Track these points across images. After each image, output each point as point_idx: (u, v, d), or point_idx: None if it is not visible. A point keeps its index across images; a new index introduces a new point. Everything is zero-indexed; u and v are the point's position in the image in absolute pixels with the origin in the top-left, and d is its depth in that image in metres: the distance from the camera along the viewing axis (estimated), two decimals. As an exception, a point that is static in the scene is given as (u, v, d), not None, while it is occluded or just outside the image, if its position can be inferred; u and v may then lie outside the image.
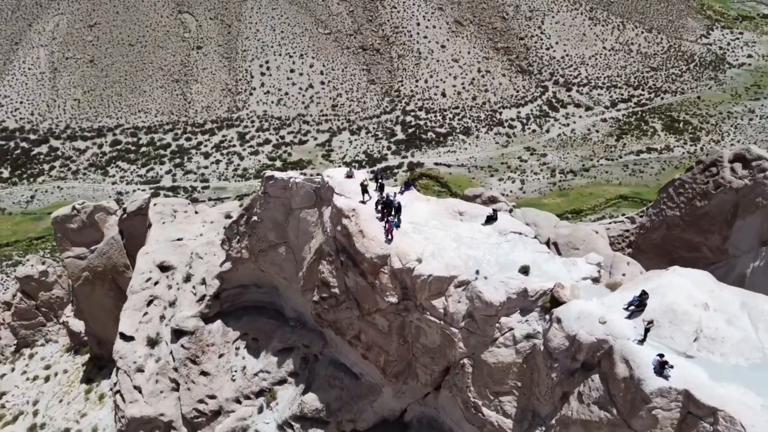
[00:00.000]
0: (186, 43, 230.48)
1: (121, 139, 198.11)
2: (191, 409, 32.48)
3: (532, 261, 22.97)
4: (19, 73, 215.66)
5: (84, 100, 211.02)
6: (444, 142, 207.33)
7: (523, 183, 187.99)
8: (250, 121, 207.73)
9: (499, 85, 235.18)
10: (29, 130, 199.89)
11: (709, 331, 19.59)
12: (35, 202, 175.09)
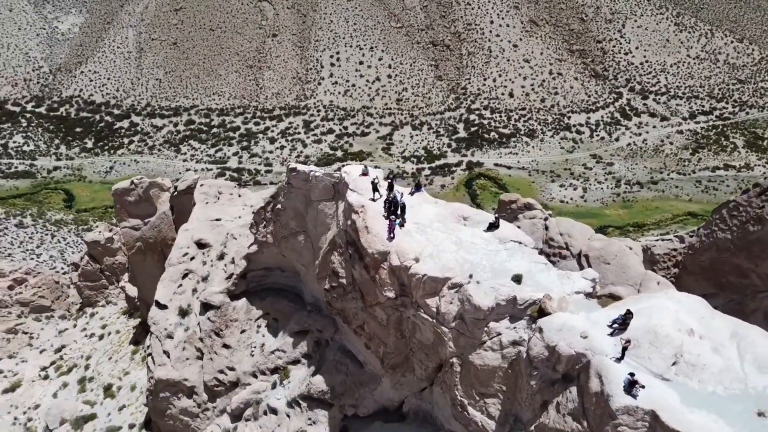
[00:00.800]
0: (262, 30, 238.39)
1: (194, 119, 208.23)
2: (212, 378, 35.11)
3: (527, 270, 23.47)
4: (109, 51, 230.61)
5: (165, 80, 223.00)
6: (506, 143, 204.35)
7: (585, 191, 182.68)
8: (316, 110, 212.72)
9: (570, 88, 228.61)
10: (113, 105, 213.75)
11: (690, 357, 19.55)
12: (113, 172, 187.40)
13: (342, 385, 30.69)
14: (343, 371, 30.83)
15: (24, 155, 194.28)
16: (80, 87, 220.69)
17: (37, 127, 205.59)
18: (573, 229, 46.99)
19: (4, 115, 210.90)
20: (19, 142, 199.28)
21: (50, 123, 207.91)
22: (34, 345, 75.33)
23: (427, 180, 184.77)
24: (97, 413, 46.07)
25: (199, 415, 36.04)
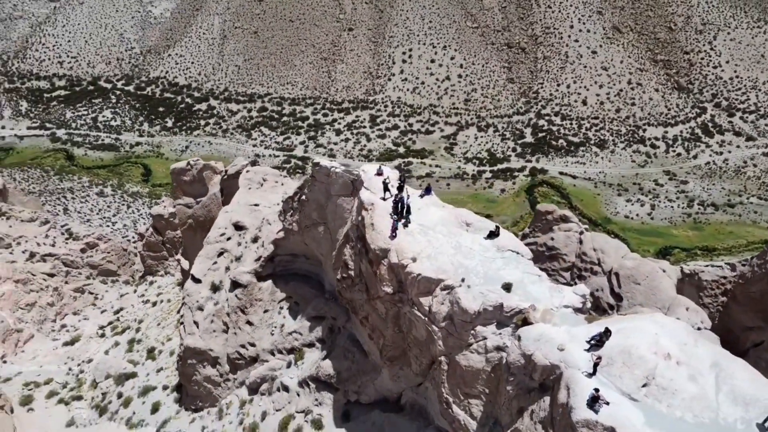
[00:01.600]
0: (339, 24, 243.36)
1: (267, 106, 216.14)
2: (234, 351, 37.77)
3: (520, 280, 24.06)
4: (195, 36, 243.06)
5: (243, 67, 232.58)
6: (574, 151, 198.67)
7: (653, 208, 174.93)
8: (383, 105, 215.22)
9: (649, 100, 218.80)
10: (194, 88, 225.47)
11: (663, 381, 19.66)
12: (188, 151, 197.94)
13: (348, 372, 32.37)
14: (349, 359, 32.48)
15: (111, 129, 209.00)
16: (166, 69, 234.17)
17: (125, 104, 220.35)
18: (607, 246, 46.40)
19: (96, 90, 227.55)
20: (107, 116, 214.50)
21: (137, 101, 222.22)
22: (97, 305, 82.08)
23: (487, 183, 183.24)
24: (137, 372, 50.30)
25: (221, 384, 38.88)
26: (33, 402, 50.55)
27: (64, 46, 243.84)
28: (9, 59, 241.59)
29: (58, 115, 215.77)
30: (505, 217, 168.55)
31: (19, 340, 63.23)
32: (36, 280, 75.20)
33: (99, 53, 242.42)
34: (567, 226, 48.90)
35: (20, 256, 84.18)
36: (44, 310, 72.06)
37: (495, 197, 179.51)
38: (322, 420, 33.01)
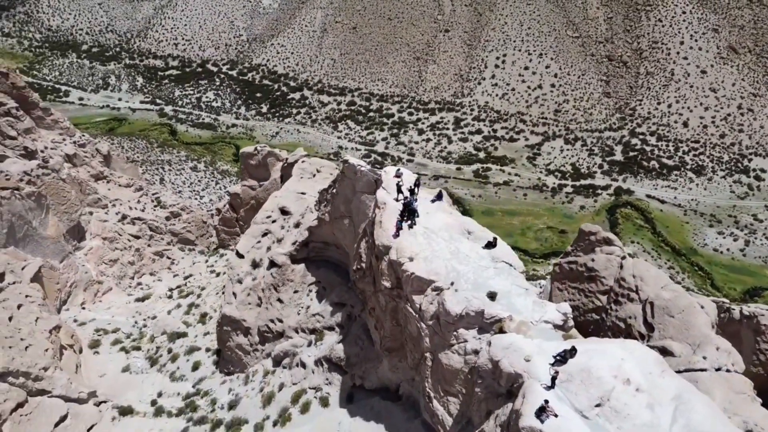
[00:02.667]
0: (436, 24, 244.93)
1: (356, 101, 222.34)
2: (264, 324, 41.12)
3: (507, 291, 25.01)
4: (298, 28, 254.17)
5: (338, 61, 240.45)
6: (667, 175, 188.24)
7: (747, 244, 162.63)
8: (469, 108, 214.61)
9: (760, 128, 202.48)
10: (291, 78, 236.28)
11: (617, 404, 20.15)
12: (278, 137, 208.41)
13: (356, 357, 34.60)
14: (359, 345, 34.66)
15: (211, 110, 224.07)
16: (268, 57, 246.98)
17: (227, 87, 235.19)
18: (647, 274, 45.25)
19: (204, 72, 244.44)
20: (210, 98, 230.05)
21: (238, 85, 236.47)
22: (172, 269, 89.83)
23: (566, 198, 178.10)
24: (188, 333, 55.45)
25: (250, 352, 42.46)
26: (99, 346, 57.11)
27: (180, 29, 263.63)
28: (132, 38, 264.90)
29: (168, 92, 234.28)
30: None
31: (99, 291, 71.17)
32: (122, 240, 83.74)
33: (210, 38, 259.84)
34: (609, 249, 48.00)
35: (113, 216, 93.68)
36: (125, 267, 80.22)
37: (573, 213, 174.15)
38: (329, 398, 35.52)
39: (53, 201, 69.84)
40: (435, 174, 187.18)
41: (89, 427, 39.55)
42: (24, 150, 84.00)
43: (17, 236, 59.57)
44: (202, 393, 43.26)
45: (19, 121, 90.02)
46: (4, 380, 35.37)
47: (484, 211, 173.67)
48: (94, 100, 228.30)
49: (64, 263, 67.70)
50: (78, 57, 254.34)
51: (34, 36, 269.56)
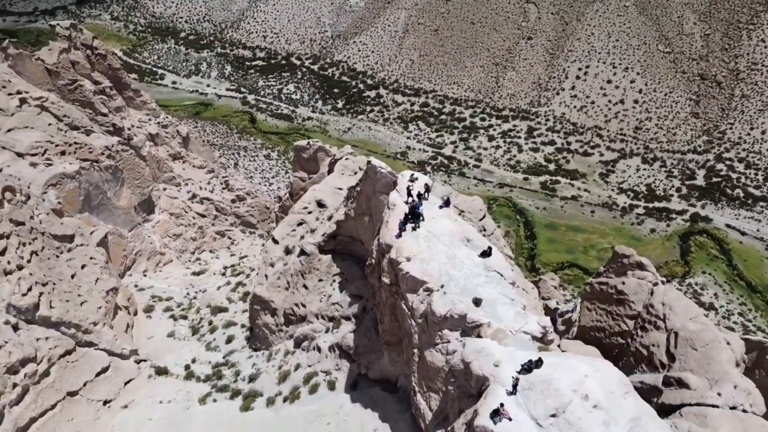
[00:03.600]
0: (519, 31, 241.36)
1: (429, 102, 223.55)
2: (289, 307, 43.88)
3: (493, 299, 25.97)
4: (381, 27, 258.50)
5: (417, 62, 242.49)
6: (752, 205, 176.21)
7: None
8: (545, 118, 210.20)
9: None
10: (368, 76, 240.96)
11: (571, 417, 20.83)
12: (350, 133, 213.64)
13: (363, 348, 36.53)
14: (367, 337, 36.54)
15: (290, 102, 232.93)
16: (349, 54, 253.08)
17: (307, 81, 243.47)
18: (677, 303, 44.19)
19: (287, 65, 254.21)
20: (290, 90, 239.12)
21: (317, 80, 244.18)
22: (231, 249, 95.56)
23: (637, 219, 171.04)
24: (229, 309, 59.55)
25: (275, 332, 45.43)
26: (153, 311, 62.46)
27: (270, 22, 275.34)
28: (225, 28, 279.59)
29: (252, 82, 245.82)
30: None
31: (161, 261, 77.34)
32: (187, 217, 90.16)
33: (297, 32, 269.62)
34: (642, 273, 47.09)
35: (184, 195, 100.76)
36: (187, 242, 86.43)
37: (642, 236, 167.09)
38: (336, 383, 37.72)
39: (128, 175, 76.62)
40: (500, 182, 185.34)
41: (127, 381, 43.99)
42: (112, 126, 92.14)
43: (92, 204, 66.15)
44: (230, 364, 46.76)
45: (111, 99, 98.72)
46: (57, 329, 40.26)
47: (548, 225, 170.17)
48: (186, 84, 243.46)
49: (132, 233, 74.23)
50: (175, 43, 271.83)
51: (139, 21, 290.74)
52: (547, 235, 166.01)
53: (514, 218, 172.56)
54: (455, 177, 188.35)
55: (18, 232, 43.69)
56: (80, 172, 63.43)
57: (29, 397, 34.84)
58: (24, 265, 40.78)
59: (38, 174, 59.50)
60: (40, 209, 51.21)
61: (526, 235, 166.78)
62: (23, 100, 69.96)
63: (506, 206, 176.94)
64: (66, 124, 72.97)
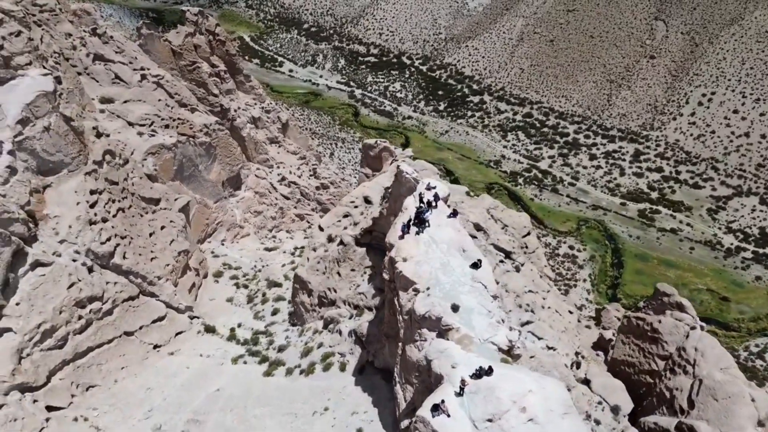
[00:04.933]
0: (642, 49, 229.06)
1: (533, 113, 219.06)
2: (323, 290, 47.46)
3: (470, 308, 27.41)
4: (495, 33, 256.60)
5: (527, 72, 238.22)
6: None
7: None
8: (655, 143, 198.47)
9: None
10: (475, 81, 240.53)
11: (506, 424, 22.13)
12: (446, 135, 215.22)
13: (373, 337, 39.21)
14: (377, 328, 39.18)
15: (394, 99, 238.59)
16: (458, 58, 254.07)
17: (414, 81, 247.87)
18: (710, 351, 42.60)
19: (398, 64, 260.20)
20: (396, 88, 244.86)
21: (424, 80, 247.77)
22: (306, 233, 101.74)
23: (742, 264, 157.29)
24: (283, 285, 64.59)
25: (310, 311, 49.34)
26: (221, 277, 69.26)
27: (388, 20, 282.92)
28: (346, 23, 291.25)
29: (362, 77, 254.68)
30: (746, 308, 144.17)
31: (239, 233, 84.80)
32: (271, 197, 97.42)
33: (412, 32, 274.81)
34: (680, 315, 45.48)
35: (274, 177, 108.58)
36: (266, 220, 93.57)
37: (744, 282, 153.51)
38: (347, 366, 40.78)
39: (221, 153, 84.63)
40: (595, 204, 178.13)
41: (178, 332, 50.06)
42: (220, 107, 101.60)
43: (184, 174, 74.27)
44: (268, 333, 51.46)
45: (224, 82, 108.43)
46: (126, 276, 46.93)
47: (638, 255, 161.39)
48: (301, 73, 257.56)
49: (217, 204, 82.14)
50: (298, 33, 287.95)
51: (269, 10, 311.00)
52: (635, 266, 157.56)
53: (603, 243, 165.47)
54: (547, 192, 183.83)
55: (110, 190, 51.12)
56: (177, 145, 71.57)
57: (91, 330, 41.42)
58: (108, 219, 47.89)
59: (142, 142, 68.07)
60: (135, 173, 59.02)
61: (612, 262, 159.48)
62: (144, 76, 79.44)
63: (596, 229, 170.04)
64: (176, 101, 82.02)
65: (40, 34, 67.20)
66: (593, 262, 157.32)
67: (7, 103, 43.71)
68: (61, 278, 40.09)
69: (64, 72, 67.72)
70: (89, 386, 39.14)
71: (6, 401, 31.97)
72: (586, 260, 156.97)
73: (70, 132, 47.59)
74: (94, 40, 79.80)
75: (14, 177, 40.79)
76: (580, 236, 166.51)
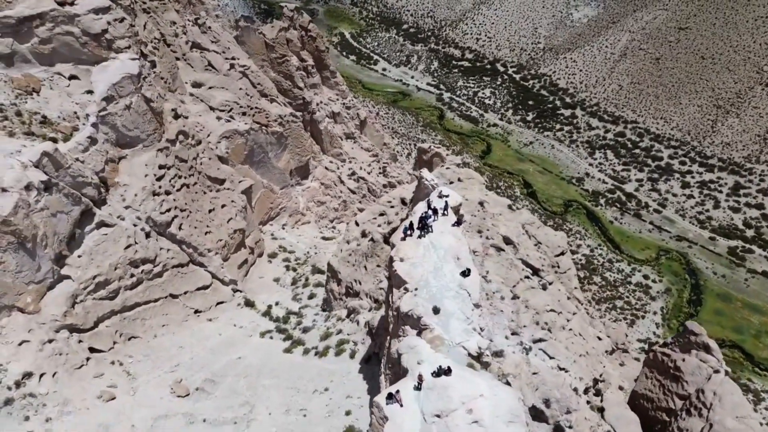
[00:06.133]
0: (758, 75, 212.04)
1: (626, 133, 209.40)
2: (350, 281, 50.08)
3: (451, 312, 28.71)
4: (597, 47, 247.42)
5: (625, 89, 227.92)
6: None
7: None
8: (759, 177, 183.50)
9: None
10: (569, 94, 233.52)
11: (451, 423, 23.24)
12: (530, 147, 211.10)
13: (380, 330, 41.44)
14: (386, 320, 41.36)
15: (482, 105, 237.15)
16: (554, 69, 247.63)
17: (504, 88, 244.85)
18: (728, 398, 41.00)
19: (491, 70, 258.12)
20: (485, 94, 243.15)
21: (515, 89, 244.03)
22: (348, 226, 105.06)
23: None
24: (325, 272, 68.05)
25: (337, 299, 52.31)
26: (275, 258, 74.19)
27: (487, 26, 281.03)
28: (444, 26, 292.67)
29: (452, 80, 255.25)
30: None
31: (300, 220, 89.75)
32: (336, 190, 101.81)
33: (509, 40, 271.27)
34: (705, 356, 43.60)
35: (344, 170, 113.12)
36: (329, 211, 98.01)
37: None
38: (356, 354, 43.31)
39: (292, 143, 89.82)
40: (680, 235, 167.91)
41: (220, 302, 54.95)
42: (302, 100, 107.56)
43: (254, 159, 79.95)
44: (299, 315, 55.13)
45: (310, 76, 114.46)
46: (179, 245, 52.27)
47: (721, 294, 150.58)
48: (393, 73, 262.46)
49: (282, 190, 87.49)
50: (396, 33, 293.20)
51: (372, 9, 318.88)
52: (715, 306, 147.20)
53: (683, 277, 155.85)
54: (629, 217, 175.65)
55: (179, 167, 56.85)
56: (249, 132, 77.26)
57: (140, 288, 46.86)
58: (172, 192, 53.48)
59: (218, 126, 74.29)
60: (206, 153, 64.85)
61: (690, 298, 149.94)
62: (232, 65, 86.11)
63: (677, 262, 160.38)
64: (258, 91, 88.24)
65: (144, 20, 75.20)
66: (668, 296, 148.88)
67: (97, 81, 50.21)
68: (121, 239, 45.74)
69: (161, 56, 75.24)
70: (131, 336, 44.49)
71: (55, 337, 37.52)
72: (660, 292, 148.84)
73: (148, 111, 53.58)
74: (194, 30, 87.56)
75: (94, 147, 46.93)
76: (658, 267, 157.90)
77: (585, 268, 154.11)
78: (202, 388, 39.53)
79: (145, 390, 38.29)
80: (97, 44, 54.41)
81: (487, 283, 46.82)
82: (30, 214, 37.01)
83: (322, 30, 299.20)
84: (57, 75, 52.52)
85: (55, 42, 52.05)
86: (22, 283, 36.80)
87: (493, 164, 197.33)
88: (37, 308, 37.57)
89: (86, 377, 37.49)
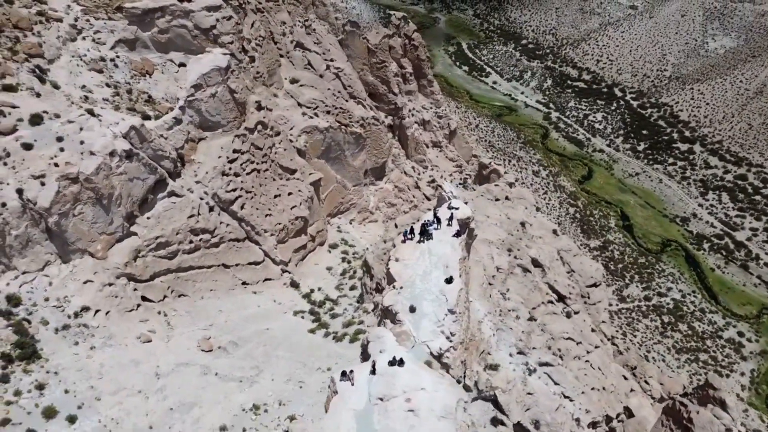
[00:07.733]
0: None
1: (748, 176, 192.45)
2: (380, 278, 53.38)
3: (425, 313, 30.86)
4: (730, 80, 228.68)
5: (755, 129, 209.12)
6: None
7: None
8: None
9: None
10: (689, 128, 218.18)
11: (390, 406, 26.03)
12: (635, 178, 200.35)
13: (390, 326, 44.30)
14: (397, 319, 44.08)
15: (590, 129, 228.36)
16: (677, 99, 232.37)
17: (618, 114, 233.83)
18: None
19: (607, 95, 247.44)
20: (597, 118, 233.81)
21: (630, 116, 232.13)
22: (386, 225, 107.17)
23: None
24: (374, 269, 71.86)
25: (368, 293, 55.64)
26: (335, 249, 78.97)
27: (610, 48, 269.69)
28: (565, 45, 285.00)
29: (563, 101, 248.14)
30: None
31: (367, 218, 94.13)
32: (410, 194, 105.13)
33: (633, 64, 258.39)
34: (720, 413, 41.64)
35: (425, 176, 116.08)
36: (398, 213, 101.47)
37: None
38: (369, 344, 46.52)
39: (370, 144, 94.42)
40: None
41: (267, 278, 60.54)
42: (394, 105, 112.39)
43: (330, 155, 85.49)
44: (335, 302, 59.28)
45: (407, 83, 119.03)
46: (239, 222, 58.45)
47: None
48: (503, 87, 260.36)
49: (354, 188, 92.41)
50: (514, 48, 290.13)
51: (493, 21, 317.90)
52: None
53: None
54: (734, 267, 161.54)
55: (253, 153, 63.33)
56: (328, 130, 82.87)
57: (197, 254, 53.39)
58: (240, 174, 59.90)
59: (301, 121, 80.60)
60: (283, 144, 71.12)
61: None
62: (328, 66, 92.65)
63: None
64: (348, 92, 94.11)
65: (253, 19, 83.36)
66: (763, 359, 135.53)
67: (191, 70, 57.75)
68: (186, 209, 52.52)
69: (262, 53, 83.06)
70: (180, 294, 51.04)
71: (115, 282, 44.52)
72: (754, 353, 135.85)
73: (231, 101, 60.42)
74: (300, 31, 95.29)
75: (177, 126, 54.26)
76: (758, 326, 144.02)
77: (671, 314, 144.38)
78: (224, 348, 44.78)
79: (177, 340, 44.20)
80: (205, 38, 62.51)
81: (505, 300, 48.25)
82: (110, 176, 44.30)
83: (441, 39, 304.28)
84: (169, 61, 61.19)
85: (171, 33, 60.62)
86: (96, 232, 44.16)
87: (591, 191, 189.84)
88: (104, 255, 44.83)
89: (133, 320, 44.08)
